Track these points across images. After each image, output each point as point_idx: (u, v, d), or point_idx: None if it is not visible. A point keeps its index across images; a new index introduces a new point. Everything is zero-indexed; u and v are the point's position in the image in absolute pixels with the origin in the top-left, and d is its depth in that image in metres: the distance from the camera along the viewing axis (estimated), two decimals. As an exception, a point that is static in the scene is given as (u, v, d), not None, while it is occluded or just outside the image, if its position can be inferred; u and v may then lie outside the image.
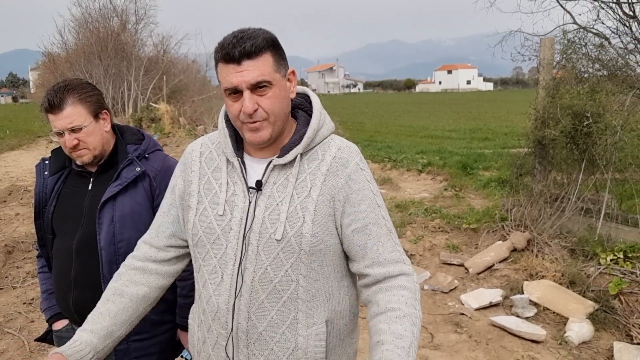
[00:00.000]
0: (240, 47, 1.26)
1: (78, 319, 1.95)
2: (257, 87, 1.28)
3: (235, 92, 1.30)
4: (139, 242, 1.60)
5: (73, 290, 1.90)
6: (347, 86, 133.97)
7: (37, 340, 2.16)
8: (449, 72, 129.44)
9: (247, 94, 1.28)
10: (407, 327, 1.29)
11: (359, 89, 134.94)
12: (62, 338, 2.04)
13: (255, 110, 1.29)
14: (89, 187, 1.94)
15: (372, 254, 1.38)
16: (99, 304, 1.50)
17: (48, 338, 2.13)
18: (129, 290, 1.51)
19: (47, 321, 2.08)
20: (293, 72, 1.39)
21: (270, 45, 1.30)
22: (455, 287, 4.78)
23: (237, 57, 1.26)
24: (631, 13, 6.18)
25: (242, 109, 1.29)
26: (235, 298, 1.35)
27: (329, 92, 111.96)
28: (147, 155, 1.97)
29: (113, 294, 1.50)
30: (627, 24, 6.23)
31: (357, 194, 1.37)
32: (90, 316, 1.48)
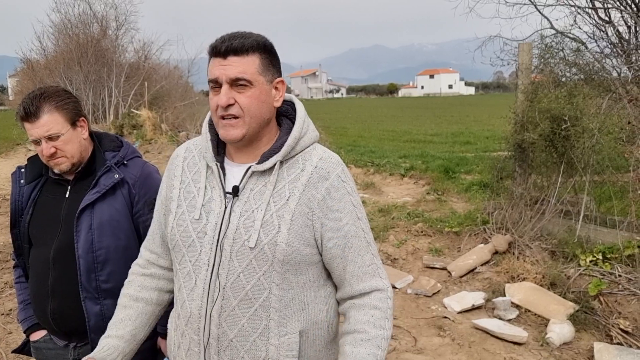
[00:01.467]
0: (228, 42, 1.30)
1: (56, 329, 1.92)
2: (237, 83, 1.30)
3: (217, 85, 1.32)
4: (141, 248, 1.64)
5: (51, 300, 1.87)
6: (330, 91, 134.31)
7: (14, 351, 2.12)
8: (431, 76, 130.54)
9: (225, 87, 1.30)
10: (370, 351, 1.33)
11: (342, 94, 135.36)
12: (39, 349, 2.01)
13: (231, 105, 1.31)
14: (67, 195, 1.92)
15: (350, 267, 1.39)
16: (117, 312, 1.55)
17: (26, 349, 2.09)
18: (142, 295, 1.56)
19: (24, 332, 2.05)
20: (282, 82, 1.39)
21: (260, 47, 1.32)
22: (438, 291, 4.81)
23: (222, 51, 1.29)
24: (607, 18, 6.32)
25: (217, 101, 1.31)
26: (207, 304, 1.35)
27: (312, 97, 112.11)
28: (125, 162, 1.95)
29: (129, 300, 1.55)
30: (603, 29, 6.37)
31: (338, 207, 1.37)
32: (111, 324, 1.53)
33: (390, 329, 1.40)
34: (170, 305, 1.95)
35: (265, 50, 1.33)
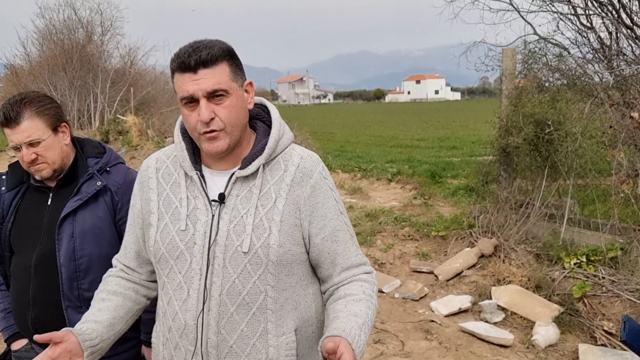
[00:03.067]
0: (196, 55, 1.26)
1: (37, 338, 1.89)
2: (214, 95, 1.28)
3: (192, 101, 1.29)
4: (113, 259, 1.60)
5: (32, 308, 1.85)
6: (318, 97, 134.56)
7: (-6, 361, 2.09)
8: (418, 82, 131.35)
9: (203, 102, 1.28)
10: (362, 309, 1.34)
11: (329, 100, 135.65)
12: (21, 358, 1.98)
13: (212, 119, 1.29)
14: (48, 203, 1.89)
15: (340, 259, 1.42)
16: (94, 304, 1.49)
17: (7, 359, 2.06)
18: (121, 291, 1.51)
19: (5, 341, 2.02)
20: (250, 83, 1.39)
21: (226, 55, 1.31)
22: (426, 295, 4.82)
23: (192, 65, 1.26)
24: (589, 24, 6.40)
25: (199, 118, 1.28)
26: (202, 313, 1.33)
27: (299, 102, 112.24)
28: (108, 169, 1.93)
29: (107, 294, 1.50)
30: (585, 35, 6.46)
31: (322, 203, 1.39)
32: (88, 313, 1.46)
33: (376, 302, 1.42)
34: (146, 313, 1.93)
35: (230, 56, 1.32)
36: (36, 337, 1.27)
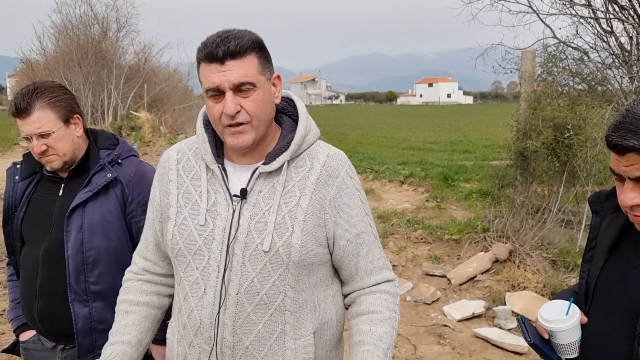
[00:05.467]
0: (224, 46, 1.21)
1: (43, 330, 1.86)
2: (240, 88, 1.23)
3: (217, 93, 1.24)
4: (134, 255, 1.55)
5: (38, 300, 1.81)
6: (329, 98, 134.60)
7: (3, 351, 2.06)
8: (430, 85, 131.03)
9: (229, 94, 1.23)
10: (386, 330, 1.34)
11: (341, 101, 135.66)
12: (28, 350, 1.95)
13: (238, 112, 1.24)
14: (60, 193, 1.86)
15: (363, 262, 1.38)
16: (118, 318, 1.46)
17: (16, 349, 2.03)
18: (143, 299, 1.48)
19: (14, 331, 2.00)
20: (278, 77, 1.34)
21: (255, 46, 1.25)
22: (438, 299, 4.75)
23: (220, 56, 1.21)
24: (609, 29, 6.29)
25: (223, 111, 1.23)
26: (219, 311, 1.28)
27: (311, 103, 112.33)
28: (120, 161, 1.89)
29: (129, 305, 1.47)
30: (605, 39, 6.35)
31: (348, 204, 1.34)
32: (114, 331, 1.44)
33: (399, 314, 1.41)
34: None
35: (260, 48, 1.27)
36: None
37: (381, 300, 1.37)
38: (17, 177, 1.92)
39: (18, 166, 1.95)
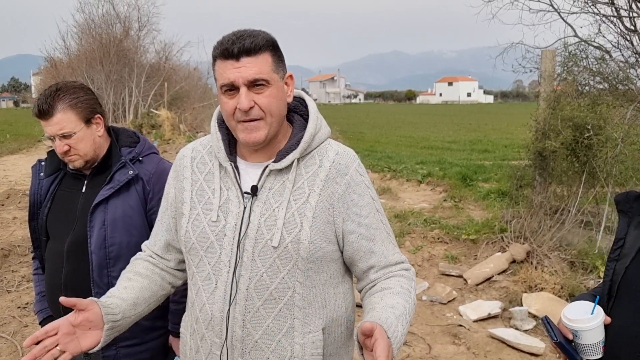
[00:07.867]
0: (239, 43, 1.25)
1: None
2: (255, 84, 1.26)
3: (232, 89, 1.28)
4: (143, 245, 1.60)
5: (63, 293, 1.87)
6: (348, 96, 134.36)
7: (28, 344, 2.12)
8: (450, 84, 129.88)
9: (243, 90, 1.26)
10: (399, 301, 1.28)
11: (359, 99, 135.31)
12: (53, 342, 2.00)
13: (251, 108, 1.27)
14: (83, 190, 1.91)
15: (376, 258, 1.38)
16: (120, 282, 1.47)
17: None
18: (147, 274, 1.50)
19: (39, 323, 2.05)
20: (291, 76, 1.37)
21: (269, 45, 1.29)
22: (454, 298, 4.74)
23: (235, 53, 1.25)
24: (632, 27, 6.19)
25: (237, 106, 1.27)
26: (229, 306, 1.32)
27: (329, 102, 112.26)
28: (141, 159, 1.94)
29: (134, 274, 1.49)
30: (628, 38, 6.24)
31: (357, 201, 1.36)
32: (114, 289, 1.44)
33: (414, 298, 1.37)
34: (174, 304, 1.93)
35: (274, 47, 1.30)
36: (62, 299, 1.25)
37: (395, 281, 1.36)
38: (42, 174, 1.98)
39: (43, 163, 2.01)
